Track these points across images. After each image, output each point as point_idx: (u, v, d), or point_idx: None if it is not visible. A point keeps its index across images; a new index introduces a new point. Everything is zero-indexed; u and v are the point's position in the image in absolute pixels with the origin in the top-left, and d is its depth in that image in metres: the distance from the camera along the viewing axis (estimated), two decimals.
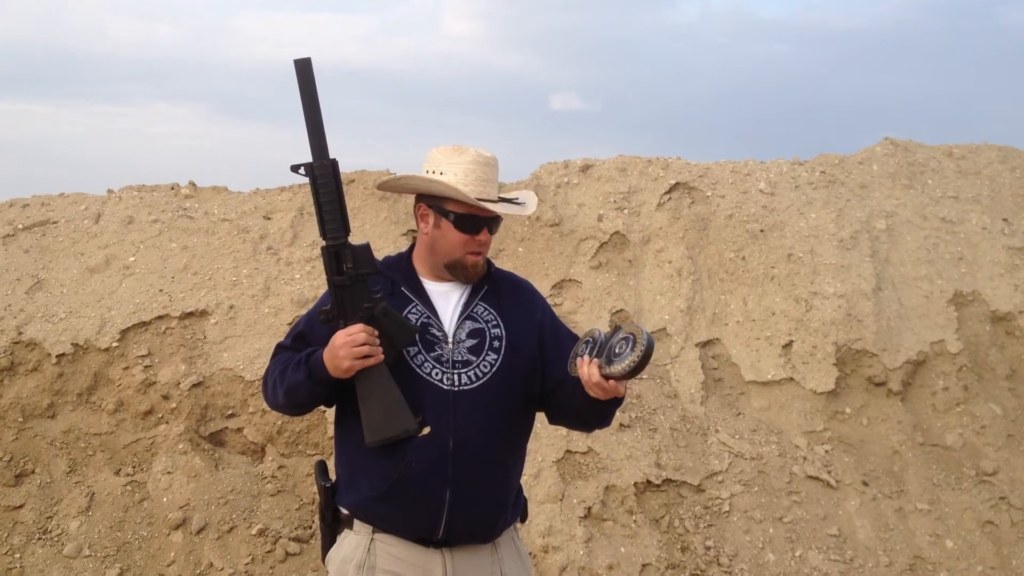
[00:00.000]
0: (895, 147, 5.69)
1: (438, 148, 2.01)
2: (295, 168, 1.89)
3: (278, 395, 1.97)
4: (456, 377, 1.94)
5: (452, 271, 2.01)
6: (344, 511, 2.00)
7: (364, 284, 1.90)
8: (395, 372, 1.89)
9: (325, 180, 1.88)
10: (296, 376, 1.91)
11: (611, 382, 1.78)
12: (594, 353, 1.83)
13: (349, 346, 1.83)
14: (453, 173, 1.95)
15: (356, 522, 1.98)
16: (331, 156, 1.89)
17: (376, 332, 1.86)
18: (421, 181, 1.99)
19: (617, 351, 1.78)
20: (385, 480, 1.91)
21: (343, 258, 1.89)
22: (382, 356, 1.86)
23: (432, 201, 2.00)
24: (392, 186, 2.10)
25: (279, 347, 2.06)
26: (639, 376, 1.96)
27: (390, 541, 1.94)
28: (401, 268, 2.06)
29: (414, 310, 1.99)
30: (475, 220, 1.96)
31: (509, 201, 2.02)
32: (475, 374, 1.96)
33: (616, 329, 1.84)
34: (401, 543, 1.94)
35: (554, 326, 2.12)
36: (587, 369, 1.80)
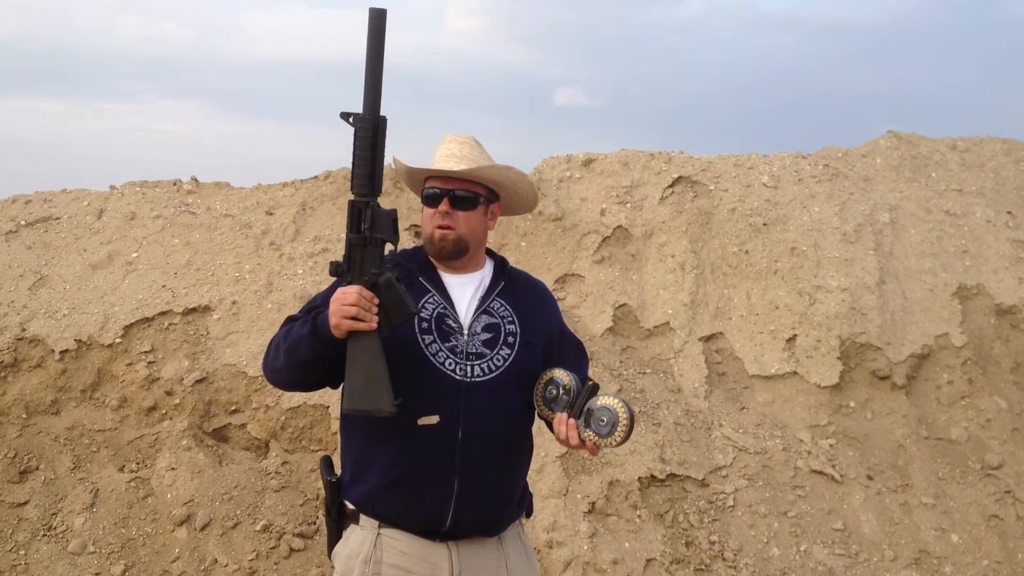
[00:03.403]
0: (899, 140, 5.68)
1: None
2: (345, 115, 1.88)
3: (279, 356, 1.91)
4: (469, 368, 1.95)
5: (429, 250, 2.04)
6: (350, 506, 2.00)
7: (378, 249, 1.86)
8: (409, 359, 1.89)
9: (363, 135, 1.86)
10: (301, 331, 1.87)
11: (589, 443, 1.86)
12: (567, 409, 1.91)
13: (339, 303, 1.79)
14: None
15: (362, 517, 1.98)
16: (382, 114, 1.87)
17: (375, 299, 1.82)
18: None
19: (603, 422, 1.85)
20: (393, 468, 1.91)
21: (363, 217, 1.87)
22: (375, 324, 1.81)
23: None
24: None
25: (289, 319, 2.01)
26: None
27: (396, 535, 1.94)
28: (419, 259, 2.07)
29: (431, 300, 1.99)
30: (435, 193, 2.01)
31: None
32: (488, 367, 1.96)
33: (591, 389, 1.91)
34: (407, 537, 1.94)
35: (562, 331, 2.15)
36: (564, 428, 1.89)
